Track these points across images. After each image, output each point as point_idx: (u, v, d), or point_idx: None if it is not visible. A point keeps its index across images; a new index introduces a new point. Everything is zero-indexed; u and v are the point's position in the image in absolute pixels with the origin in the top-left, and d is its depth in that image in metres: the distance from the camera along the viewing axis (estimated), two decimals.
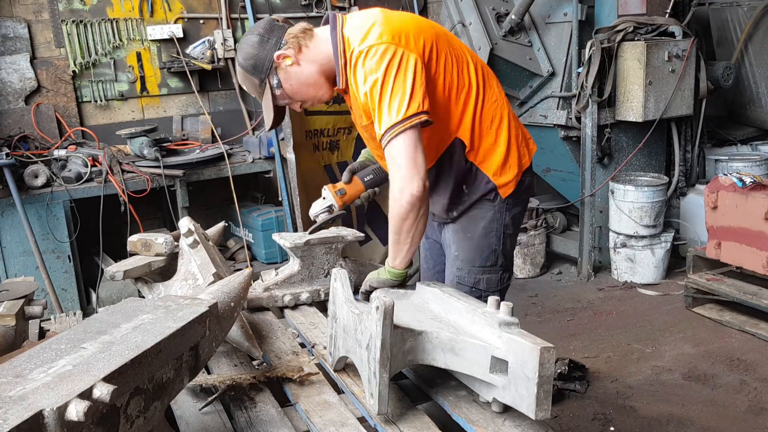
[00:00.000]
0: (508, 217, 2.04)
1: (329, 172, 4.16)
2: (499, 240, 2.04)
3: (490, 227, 2.02)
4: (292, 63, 1.88)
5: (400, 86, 1.73)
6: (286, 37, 1.88)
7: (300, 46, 1.88)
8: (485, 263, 2.03)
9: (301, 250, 2.11)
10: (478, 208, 2.01)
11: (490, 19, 4.45)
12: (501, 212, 2.02)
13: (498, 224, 2.02)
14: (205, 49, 4.95)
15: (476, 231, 2.02)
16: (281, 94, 1.93)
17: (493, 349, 1.36)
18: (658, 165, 4.77)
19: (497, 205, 2.01)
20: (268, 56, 1.88)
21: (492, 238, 2.02)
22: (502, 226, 2.03)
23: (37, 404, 0.92)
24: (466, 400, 1.47)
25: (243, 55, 1.91)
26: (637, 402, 3.10)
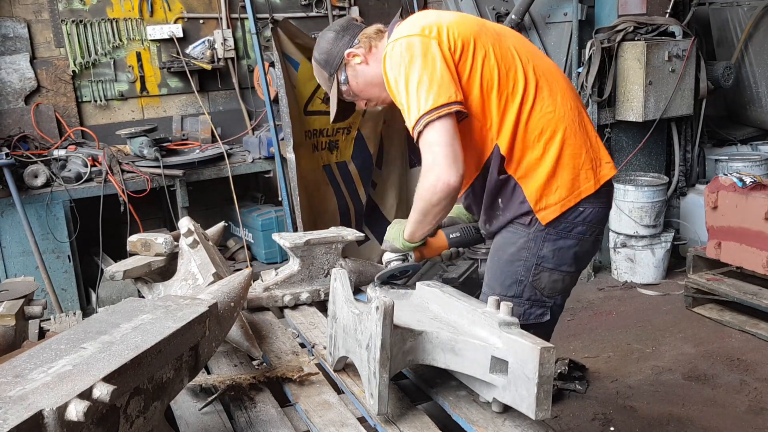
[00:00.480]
0: (547, 249, 1.80)
1: (328, 171, 4.16)
2: (529, 271, 1.82)
3: (519, 255, 1.82)
4: (361, 62, 1.92)
5: (427, 76, 1.68)
6: (360, 36, 1.93)
7: (371, 46, 1.93)
8: (506, 292, 1.84)
9: (300, 250, 2.11)
10: (510, 230, 1.83)
11: (490, 19, 4.45)
12: (536, 241, 1.79)
13: (529, 254, 1.81)
14: (205, 49, 4.95)
15: (504, 255, 1.85)
16: (347, 90, 1.97)
17: (493, 349, 1.36)
18: (658, 165, 4.77)
19: (532, 232, 1.79)
20: (339, 53, 1.93)
21: (518, 267, 1.82)
22: (535, 256, 1.80)
23: (36, 404, 0.92)
24: (466, 400, 1.47)
25: (318, 49, 1.97)
26: (637, 402, 3.10)
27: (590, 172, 1.80)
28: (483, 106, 1.76)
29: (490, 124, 1.77)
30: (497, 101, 1.76)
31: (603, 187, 1.82)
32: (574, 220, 1.79)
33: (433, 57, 1.70)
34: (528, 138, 1.77)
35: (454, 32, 1.76)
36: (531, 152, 1.77)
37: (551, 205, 1.78)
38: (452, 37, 1.75)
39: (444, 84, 1.68)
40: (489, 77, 1.76)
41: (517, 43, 1.87)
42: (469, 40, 1.76)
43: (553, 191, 1.77)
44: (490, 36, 1.81)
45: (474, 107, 1.76)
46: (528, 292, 1.83)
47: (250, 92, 5.19)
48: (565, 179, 1.77)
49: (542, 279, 1.83)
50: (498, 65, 1.77)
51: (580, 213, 1.79)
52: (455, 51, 1.74)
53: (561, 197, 1.77)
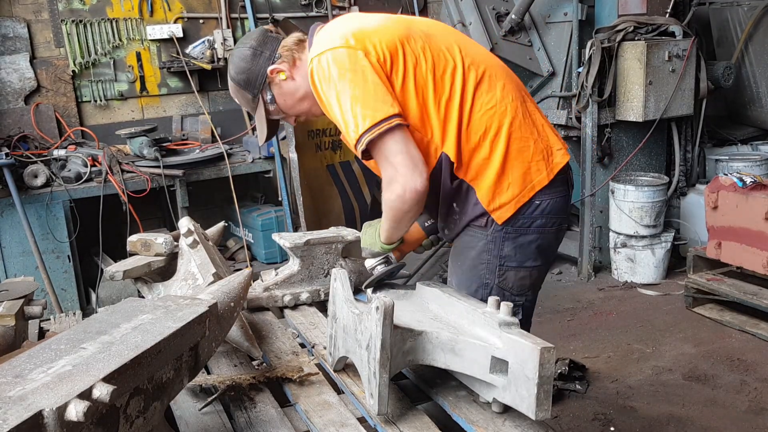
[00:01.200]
0: (508, 248, 1.74)
1: (332, 171, 4.16)
2: (493, 273, 1.76)
3: (480, 259, 1.76)
4: (287, 77, 1.79)
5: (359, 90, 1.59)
6: (280, 50, 1.79)
7: (294, 59, 1.79)
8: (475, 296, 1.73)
9: (300, 250, 2.11)
10: (469, 234, 1.77)
11: (490, 19, 4.45)
12: (496, 242, 1.73)
13: (490, 255, 1.75)
14: (204, 49, 4.95)
15: (466, 261, 1.79)
16: (275, 109, 1.84)
17: (493, 349, 1.36)
18: (658, 165, 4.77)
19: (490, 233, 1.73)
20: (261, 71, 1.79)
21: (482, 270, 1.76)
22: (497, 257, 1.74)
23: (36, 404, 0.92)
24: (466, 400, 1.47)
25: (235, 69, 1.81)
26: (638, 402, 3.10)
27: (542, 163, 1.73)
28: (422, 116, 1.68)
29: (431, 134, 1.69)
30: (436, 108, 1.68)
31: (558, 176, 1.75)
32: (532, 214, 1.73)
33: (363, 69, 1.60)
34: (472, 139, 1.70)
35: (381, 41, 1.65)
36: (478, 153, 1.70)
37: (505, 204, 1.71)
38: (379, 46, 1.64)
39: (379, 98, 1.59)
40: (423, 84, 1.67)
41: (449, 39, 1.77)
42: (396, 48, 1.66)
43: (505, 189, 1.71)
44: (419, 38, 1.71)
45: (412, 118, 1.67)
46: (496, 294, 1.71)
47: None
48: (516, 175, 1.71)
49: (508, 279, 1.77)
50: (432, 70, 1.68)
51: (537, 206, 1.73)
52: (385, 62, 1.64)
53: (514, 194, 1.71)
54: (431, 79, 1.67)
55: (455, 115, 1.68)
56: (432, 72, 1.67)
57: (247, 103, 1.87)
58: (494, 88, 1.73)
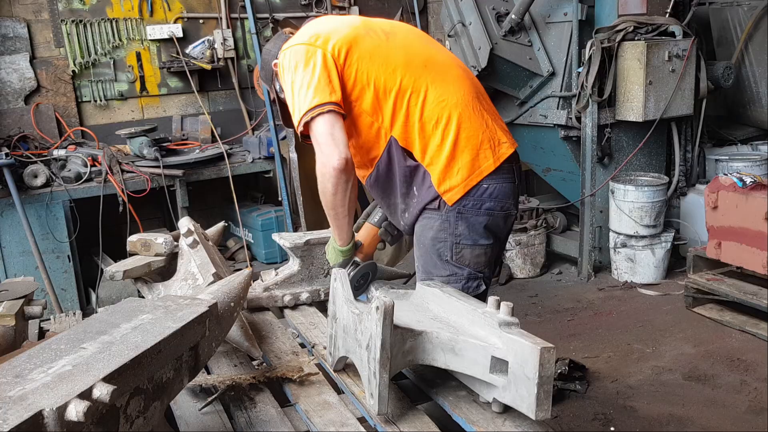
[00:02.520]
0: (461, 227, 1.92)
1: None
2: (451, 251, 1.93)
3: (438, 237, 1.93)
4: None
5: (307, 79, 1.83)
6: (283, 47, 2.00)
7: None
8: (442, 273, 1.94)
9: (300, 250, 2.11)
10: (426, 217, 1.95)
11: (490, 19, 4.45)
12: (450, 221, 1.92)
13: (447, 234, 1.92)
14: (204, 49, 4.95)
15: (425, 241, 1.96)
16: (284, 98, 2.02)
17: (493, 349, 1.36)
18: (658, 165, 4.77)
19: (444, 213, 1.92)
20: (269, 65, 2.06)
21: (440, 248, 1.94)
22: (452, 235, 1.92)
23: (36, 404, 0.92)
24: (466, 400, 1.47)
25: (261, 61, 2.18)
26: (638, 402, 3.10)
27: (489, 152, 1.92)
28: (374, 103, 1.90)
29: (381, 119, 1.91)
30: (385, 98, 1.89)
31: (504, 164, 1.94)
32: (481, 196, 1.91)
33: (315, 64, 1.85)
34: (426, 128, 1.90)
35: (339, 39, 1.90)
36: (432, 140, 1.90)
37: (455, 186, 1.90)
38: (337, 44, 1.89)
39: (320, 87, 1.83)
40: (376, 76, 1.89)
41: (409, 39, 2.01)
42: (351, 45, 1.90)
43: (455, 173, 1.90)
44: (374, 38, 1.95)
45: (365, 105, 1.90)
46: (458, 270, 1.94)
47: (250, 92, 5.19)
48: (465, 161, 1.90)
49: (465, 255, 1.94)
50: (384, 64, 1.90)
51: (485, 190, 1.92)
52: (339, 56, 1.88)
53: (463, 177, 1.90)
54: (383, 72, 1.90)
55: (404, 105, 1.90)
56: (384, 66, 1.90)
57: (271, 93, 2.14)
58: (447, 85, 1.94)
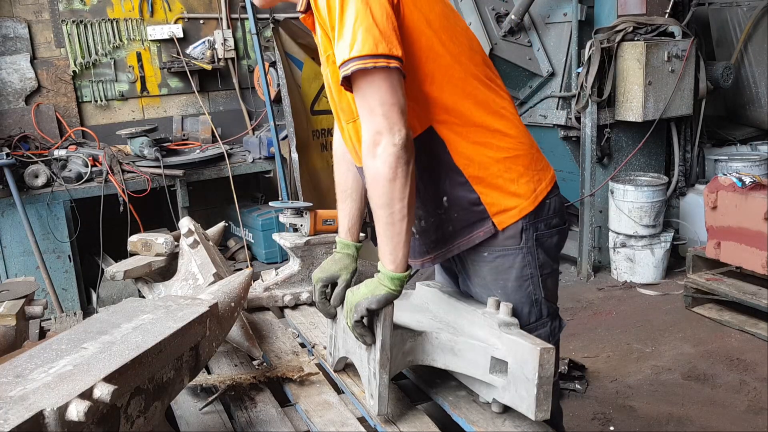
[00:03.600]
0: (542, 256, 1.57)
1: None
2: (538, 287, 1.57)
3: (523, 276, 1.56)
4: None
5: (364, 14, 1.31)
6: None
7: None
8: (528, 320, 1.57)
9: (301, 250, 2.11)
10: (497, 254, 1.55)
11: (489, 19, 4.46)
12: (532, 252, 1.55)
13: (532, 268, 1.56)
14: (205, 49, 4.95)
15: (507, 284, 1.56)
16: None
17: (492, 349, 1.36)
18: (657, 165, 4.77)
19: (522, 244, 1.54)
20: None
21: (528, 288, 1.56)
22: (537, 268, 1.56)
23: (37, 404, 0.92)
24: (466, 400, 1.47)
25: None
26: (637, 402, 3.10)
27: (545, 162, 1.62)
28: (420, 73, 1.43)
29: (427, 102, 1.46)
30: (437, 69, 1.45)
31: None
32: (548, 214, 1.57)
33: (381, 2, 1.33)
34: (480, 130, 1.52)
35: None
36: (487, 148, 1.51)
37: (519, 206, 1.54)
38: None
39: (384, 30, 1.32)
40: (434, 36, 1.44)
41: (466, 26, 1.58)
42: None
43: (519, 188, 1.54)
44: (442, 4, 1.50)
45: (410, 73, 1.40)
46: (545, 308, 1.60)
47: (250, 92, 5.19)
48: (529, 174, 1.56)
49: (549, 287, 1.61)
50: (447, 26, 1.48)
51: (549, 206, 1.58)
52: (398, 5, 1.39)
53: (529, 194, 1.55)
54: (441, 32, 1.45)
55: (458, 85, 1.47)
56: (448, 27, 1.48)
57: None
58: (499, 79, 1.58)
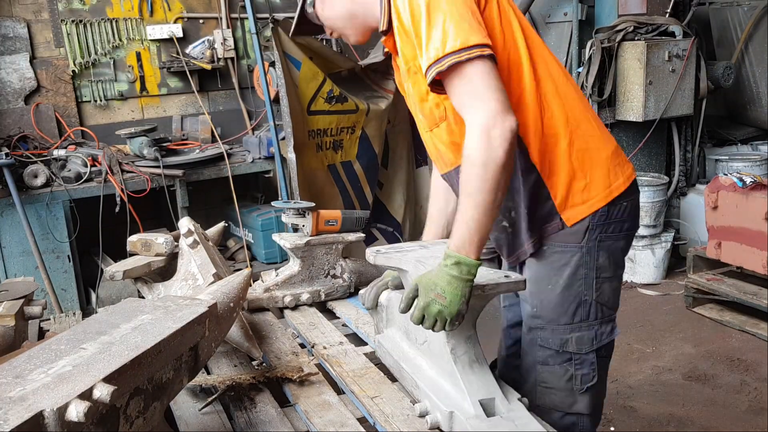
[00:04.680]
0: (602, 258, 1.56)
1: (333, 171, 4.16)
2: (591, 288, 1.58)
3: (577, 275, 1.57)
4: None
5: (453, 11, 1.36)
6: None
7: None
8: (572, 320, 1.58)
9: (301, 250, 2.11)
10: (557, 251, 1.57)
11: None
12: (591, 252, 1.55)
13: (587, 269, 1.56)
14: (204, 49, 4.95)
15: (559, 280, 1.57)
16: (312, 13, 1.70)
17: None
18: (658, 165, 4.77)
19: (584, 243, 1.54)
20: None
21: (579, 287, 1.57)
22: (594, 269, 1.56)
23: (37, 405, 0.92)
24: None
25: None
26: (638, 402, 3.10)
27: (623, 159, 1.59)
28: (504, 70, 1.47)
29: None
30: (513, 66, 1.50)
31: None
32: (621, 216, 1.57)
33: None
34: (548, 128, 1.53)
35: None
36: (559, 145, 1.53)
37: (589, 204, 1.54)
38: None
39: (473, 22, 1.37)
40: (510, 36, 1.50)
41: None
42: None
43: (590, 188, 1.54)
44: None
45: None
46: (595, 312, 1.59)
47: (250, 92, 5.18)
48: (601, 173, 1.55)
49: (604, 292, 1.59)
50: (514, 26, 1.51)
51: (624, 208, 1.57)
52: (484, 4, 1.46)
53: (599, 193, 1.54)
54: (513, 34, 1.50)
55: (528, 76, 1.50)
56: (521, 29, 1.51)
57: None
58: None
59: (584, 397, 1.63)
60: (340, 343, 1.83)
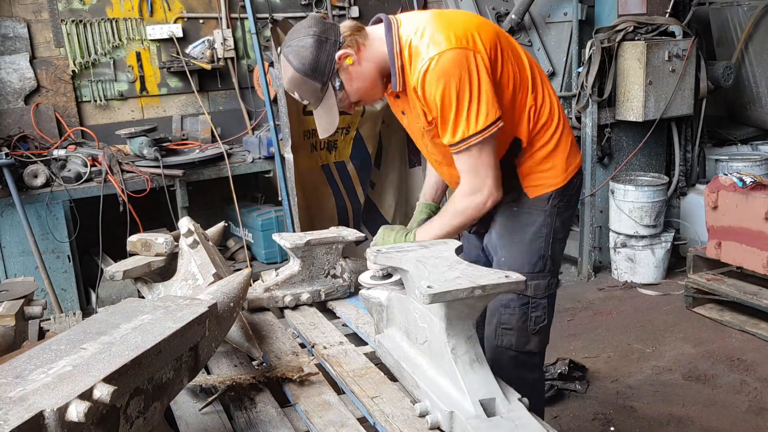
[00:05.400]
0: (558, 222, 1.98)
1: (326, 171, 4.15)
2: (549, 246, 1.98)
3: (539, 233, 1.96)
4: (354, 62, 1.82)
5: (475, 95, 1.73)
6: (343, 35, 1.81)
7: (358, 44, 1.83)
8: (533, 269, 1.97)
9: (301, 250, 2.10)
10: (526, 212, 1.97)
11: (490, 19, 4.45)
12: (552, 216, 1.96)
13: (548, 229, 1.97)
14: (204, 49, 4.95)
15: (525, 236, 1.97)
16: (343, 95, 1.86)
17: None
18: (658, 165, 4.77)
19: (548, 208, 1.96)
20: (330, 57, 1.80)
21: (540, 243, 1.97)
22: (552, 231, 1.97)
23: (37, 405, 0.92)
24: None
25: (299, 59, 1.79)
26: (638, 402, 3.10)
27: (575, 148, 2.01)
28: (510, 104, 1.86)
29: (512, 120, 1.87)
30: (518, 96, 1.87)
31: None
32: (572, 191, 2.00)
33: (480, 73, 1.73)
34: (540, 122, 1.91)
35: (486, 41, 1.78)
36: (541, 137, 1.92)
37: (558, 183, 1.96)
38: (487, 46, 1.77)
39: (490, 102, 1.74)
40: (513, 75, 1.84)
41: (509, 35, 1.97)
42: (497, 46, 1.81)
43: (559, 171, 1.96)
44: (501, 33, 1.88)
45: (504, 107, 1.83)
46: (549, 265, 1.99)
47: (250, 92, 5.18)
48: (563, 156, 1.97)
49: (556, 251, 2.00)
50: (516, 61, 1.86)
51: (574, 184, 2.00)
52: (495, 61, 1.79)
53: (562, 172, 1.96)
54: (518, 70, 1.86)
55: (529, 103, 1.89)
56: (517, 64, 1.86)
57: (312, 94, 1.86)
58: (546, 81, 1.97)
59: (535, 338, 2.03)
60: (340, 343, 1.83)
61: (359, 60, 1.83)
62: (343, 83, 1.84)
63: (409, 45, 1.80)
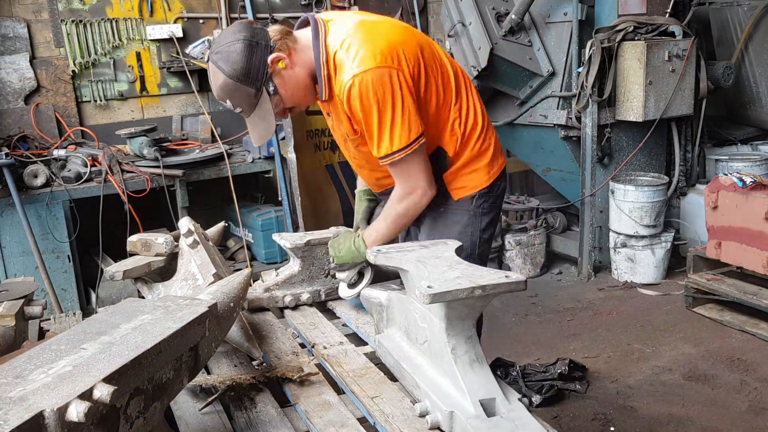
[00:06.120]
0: (484, 222, 2.06)
1: (330, 171, 4.16)
2: (475, 245, 2.05)
3: (465, 233, 2.03)
4: (287, 66, 1.80)
5: (399, 112, 1.77)
6: (273, 39, 1.78)
7: (289, 48, 1.81)
8: None
9: (301, 250, 2.11)
10: (453, 211, 2.04)
11: (490, 19, 4.45)
12: (477, 217, 2.04)
13: (473, 229, 2.05)
14: (204, 49, 4.94)
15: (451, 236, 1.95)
16: (277, 100, 1.84)
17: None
18: (658, 165, 4.77)
19: (472, 209, 2.03)
20: (262, 61, 1.75)
21: (466, 243, 1.97)
22: (479, 230, 2.05)
23: (37, 405, 0.92)
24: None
25: (230, 65, 1.74)
26: (637, 402, 3.10)
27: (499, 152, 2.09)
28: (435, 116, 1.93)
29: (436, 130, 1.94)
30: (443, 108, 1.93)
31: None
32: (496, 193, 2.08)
33: (403, 92, 1.77)
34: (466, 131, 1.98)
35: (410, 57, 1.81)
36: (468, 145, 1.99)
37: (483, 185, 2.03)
38: (410, 62, 1.80)
39: (412, 120, 1.79)
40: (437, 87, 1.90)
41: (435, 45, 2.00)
42: (420, 62, 1.84)
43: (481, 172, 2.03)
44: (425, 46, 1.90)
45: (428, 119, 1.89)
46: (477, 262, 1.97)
47: None
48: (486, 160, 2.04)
49: (483, 250, 2.10)
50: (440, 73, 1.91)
51: (499, 187, 2.08)
52: (418, 78, 1.83)
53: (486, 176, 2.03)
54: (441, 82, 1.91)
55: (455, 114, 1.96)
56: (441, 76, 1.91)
57: (245, 100, 1.81)
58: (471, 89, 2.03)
59: None
60: (340, 343, 1.83)
61: (291, 64, 1.81)
62: (277, 88, 1.81)
63: (334, 56, 1.79)
